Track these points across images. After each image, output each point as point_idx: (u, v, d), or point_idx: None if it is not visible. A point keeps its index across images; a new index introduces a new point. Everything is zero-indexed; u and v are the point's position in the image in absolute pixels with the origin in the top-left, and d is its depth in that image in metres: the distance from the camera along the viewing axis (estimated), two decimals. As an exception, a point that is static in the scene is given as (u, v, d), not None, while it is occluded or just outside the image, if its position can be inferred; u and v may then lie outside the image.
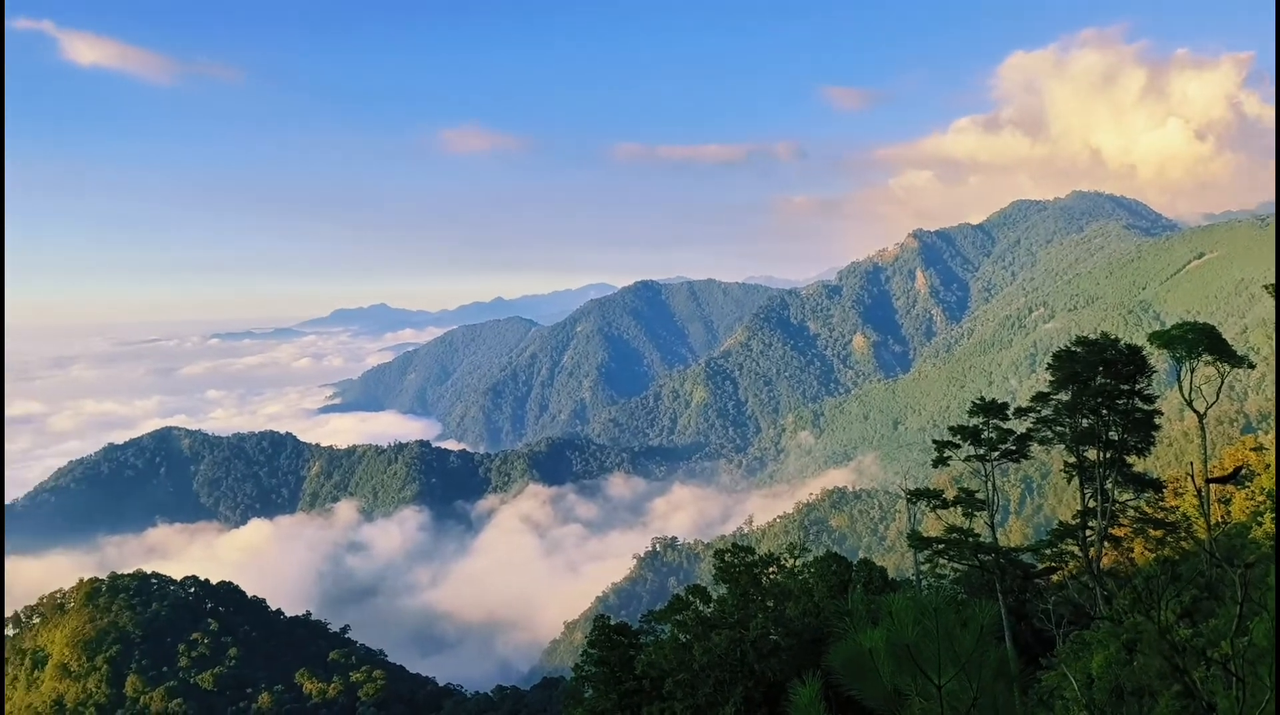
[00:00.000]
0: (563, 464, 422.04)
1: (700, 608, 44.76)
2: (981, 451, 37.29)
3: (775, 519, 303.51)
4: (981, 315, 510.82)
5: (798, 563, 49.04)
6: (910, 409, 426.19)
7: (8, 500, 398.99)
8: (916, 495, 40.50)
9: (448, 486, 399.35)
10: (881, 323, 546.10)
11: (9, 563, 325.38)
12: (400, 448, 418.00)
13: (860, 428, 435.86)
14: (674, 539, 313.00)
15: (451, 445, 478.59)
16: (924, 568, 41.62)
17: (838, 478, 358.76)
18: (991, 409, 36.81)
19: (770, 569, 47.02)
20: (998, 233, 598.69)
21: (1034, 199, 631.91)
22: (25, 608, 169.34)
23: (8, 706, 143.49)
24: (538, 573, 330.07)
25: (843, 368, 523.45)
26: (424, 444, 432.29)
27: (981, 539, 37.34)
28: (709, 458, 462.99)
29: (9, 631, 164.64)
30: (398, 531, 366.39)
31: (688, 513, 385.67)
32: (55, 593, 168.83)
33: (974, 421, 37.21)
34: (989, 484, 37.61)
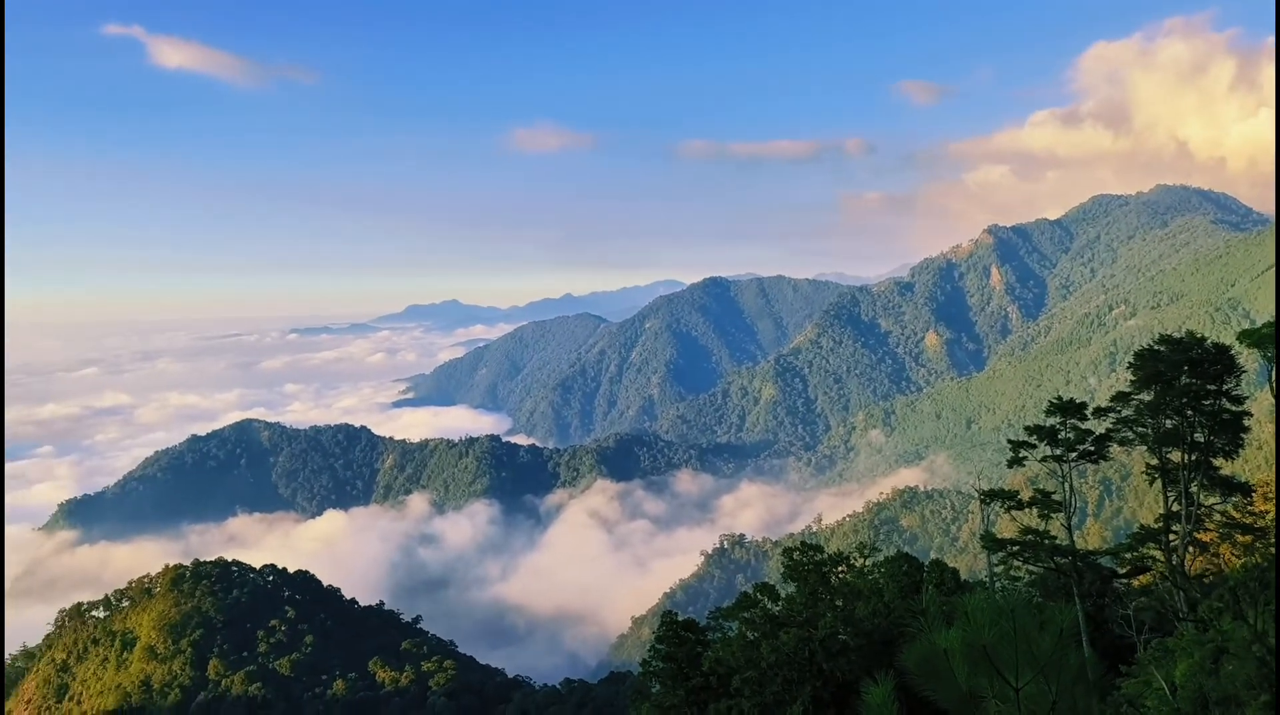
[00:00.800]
0: (631, 460, 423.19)
1: (768, 606, 44.52)
2: (1058, 452, 36.33)
3: (844, 518, 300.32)
4: (1059, 313, 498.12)
5: (867, 562, 48.46)
6: (984, 408, 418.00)
7: (99, 488, 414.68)
8: (990, 496, 39.67)
9: (517, 481, 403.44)
10: (955, 320, 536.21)
11: (102, 547, 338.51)
12: (471, 442, 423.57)
13: (932, 426, 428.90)
14: (742, 536, 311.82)
15: (521, 440, 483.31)
16: (998, 570, 40.73)
17: (909, 477, 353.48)
18: (1069, 408, 35.83)
19: (839, 568, 46.55)
20: (1077, 228, 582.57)
21: (1115, 193, 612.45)
22: (115, 591, 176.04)
23: (99, 685, 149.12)
24: (605, 568, 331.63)
25: (914, 366, 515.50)
26: (494, 438, 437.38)
27: (1058, 541, 36.43)
28: (777, 455, 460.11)
29: (100, 614, 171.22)
30: (468, 524, 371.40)
31: (756, 510, 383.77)
32: (143, 577, 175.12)
33: (1051, 421, 36.26)
34: (1066, 485, 36.63)
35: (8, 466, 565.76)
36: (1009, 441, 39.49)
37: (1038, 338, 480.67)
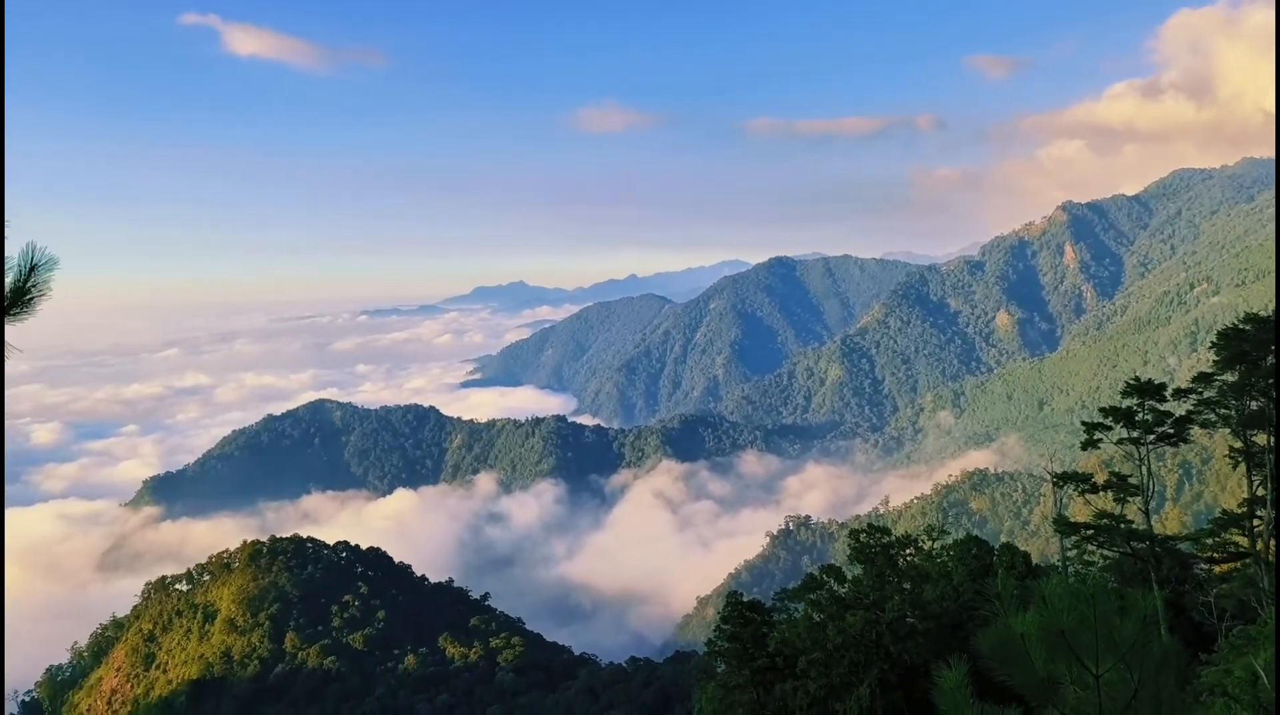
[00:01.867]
0: (695, 441, 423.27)
1: (835, 587, 44.27)
2: (1135, 434, 35.38)
3: (912, 500, 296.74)
4: (1136, 291, 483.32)
5: (936, 545, 47.87)
6: (1057, 389, 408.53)
7: (180, 466, 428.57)
8: (1064, 478, 38.85)
9: (583, 461, 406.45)
10: (1027, 299, 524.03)
11: (183, 523, 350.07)
12: (537, 422, 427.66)
13: (1003, 408, 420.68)
14: (807, 518, 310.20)
15: (586, 420, 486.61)
16: (1071, 554, 39.94)
17: (978, 459, 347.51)
18: (1147, 389, 34.84)
19: (907, 550, 46.07)
20: (1156, 204, 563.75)
21: (1198, 167, 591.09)
22: (196, 566, 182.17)
23: (183, 655, 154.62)
24: (670, 548, 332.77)
25: (985, 346, 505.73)
26: (560, 419, 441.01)
27: (1135, 526, 35.57)
28: (844, 437, 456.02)
29: (183, 587, 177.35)
30: (535, 504, 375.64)
31: (821, 492, 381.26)
32: (222, 553, 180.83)
33: (1128, 402, 35.29)
34: (1143, 468, 35.68)
35: (97, 444, 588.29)
36: (1083, 423, 38.58)
37: (1113, 317, 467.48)
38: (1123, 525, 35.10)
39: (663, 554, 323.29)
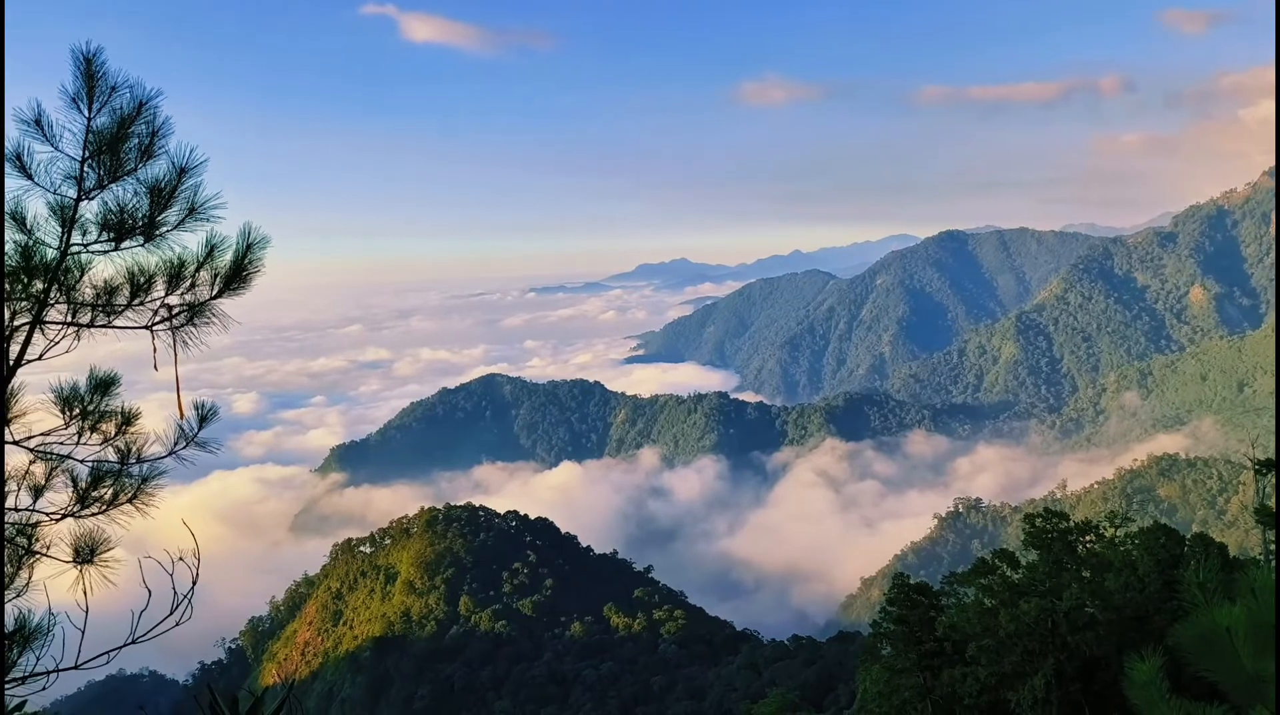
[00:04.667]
0: (860, 419, 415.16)
1: (1007, 573, 42.70)
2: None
3: (1092, 485, 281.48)
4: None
5: (1119, 532, 45.41)
6: (1260, 369, 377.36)
7: (363, 435, 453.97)
8: (1267, 466, 36.09)
9: (744, 437, 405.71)
10: (1226, 273, 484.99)
11: (365, 490, 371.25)
12: (700, 398, 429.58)
13: (1196, 389, 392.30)
14: (978, 500, 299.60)
15: (749, 397, 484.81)
16: (1274, 547, 37.12)
17: (1167, 443, 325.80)
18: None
19: (1087, 537, 43.92)
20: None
21: None
22: (378, 530, 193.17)
23: (367, 613, 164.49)
24: (833, 527, 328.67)
25: (1176, 323, 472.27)
26: (722, 395, 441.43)
27: (1350, 518, 32.67)
28: (1018, 417, 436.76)
29: (366, 549, 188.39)
30: (696, 479, 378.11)
31: (993, 474, 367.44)
32: (401, 518, 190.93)
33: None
34: (1362, 456, 32.69)
35: (289, 413, 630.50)
36: (1291, 407, 35.64)
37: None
38: (1335, 517, 32.32)
39: (825, 533, 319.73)
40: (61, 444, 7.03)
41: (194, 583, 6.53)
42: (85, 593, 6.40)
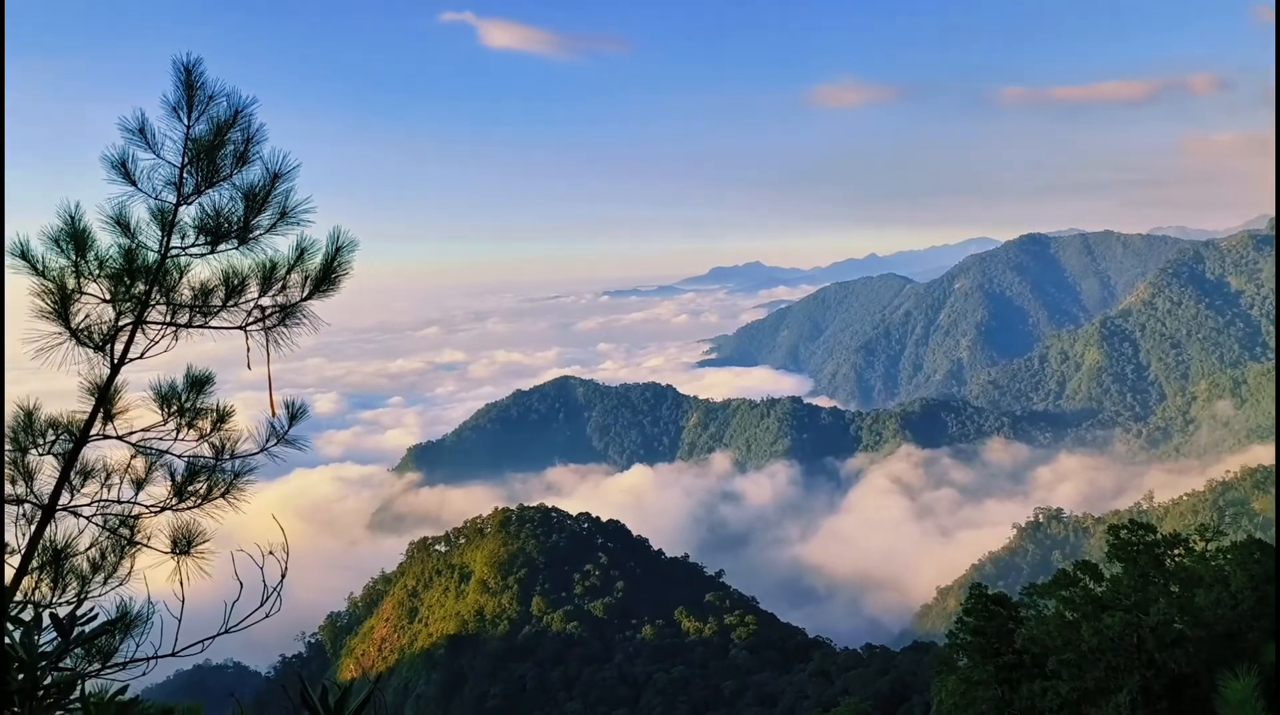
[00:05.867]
0: (937, 426, 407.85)
1: (1090, 585, 41.54)
2: None
3: (1181, 496, 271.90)
4: None
5: (1210, 546, 43.82)
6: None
7: (439, 436, 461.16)
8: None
9: (818, 443, 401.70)
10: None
11: (440, 489, 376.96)
12: (773, 403, 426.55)
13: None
14: (1059, 510, 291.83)
15: (823, 402, 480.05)
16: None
17: (1262, 455, 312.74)
18: None
19: (1175, 551, 42.46)
20: None
21: None
22: (453, 529, 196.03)
23: (442, 611, 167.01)
24: (908, 535, 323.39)
25: (1272, 329, 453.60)
26: (796, 400, 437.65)
27: None
28: (1102, 426, 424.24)
29: (441, 548, 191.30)
30: (769, 484, 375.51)
31: (1075, 483, 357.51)
32: (476, 518, 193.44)
33: None
34: None
35: (367, 413, 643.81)
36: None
37: None
38: None
39: (900, 541, 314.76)
40: (160, 440, 7.31)
41: (283, 576, 6.72)
42: (182, 583, 6.65)
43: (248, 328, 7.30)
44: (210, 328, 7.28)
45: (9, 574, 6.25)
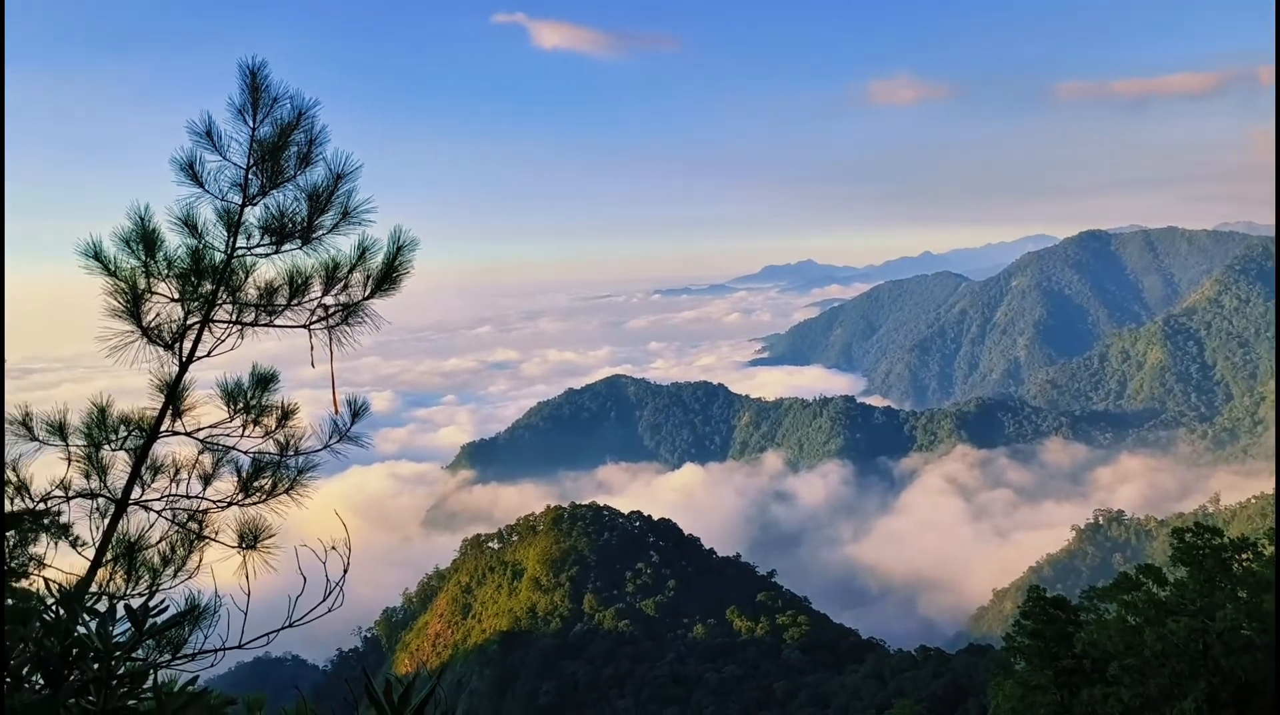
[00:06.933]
0: (993, 426, 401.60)
1: (1153, 589, 40.61)
2: None
3: (1249, 499, 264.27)
4: None
5: None
6: None
7: (492, 434, 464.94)
8: None
9: (871, 442, 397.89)
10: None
11: (493, 487, 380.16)
12: (825, 402, 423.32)
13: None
14: (1120, 512, 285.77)
15: (876, 401, 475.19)
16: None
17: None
18: None
19: (1243, 555, 41.30)
20: None
21: None
22: (506, 527, 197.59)
23: (495, 607, 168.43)
24: (963, 536, 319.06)
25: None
26: (849, 399, 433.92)
27: None
28: (1165, 426, 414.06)
29: (494, 545, 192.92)
30: (821, 484, 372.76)
31: (1137, 485, 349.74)
32: (528, 516, 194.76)
33: None
34: None
35: (421, 411, 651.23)
36: None
37: None
38: None
39: (955, 542, 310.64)
40: (226, 436, 7.47)
41: (345, 572, 6.81)
42: (248, 577, 6.78)
43: (311, 326, 7.43)
44: (275, 326, 7.43)
45: (85, 567, 6.43)
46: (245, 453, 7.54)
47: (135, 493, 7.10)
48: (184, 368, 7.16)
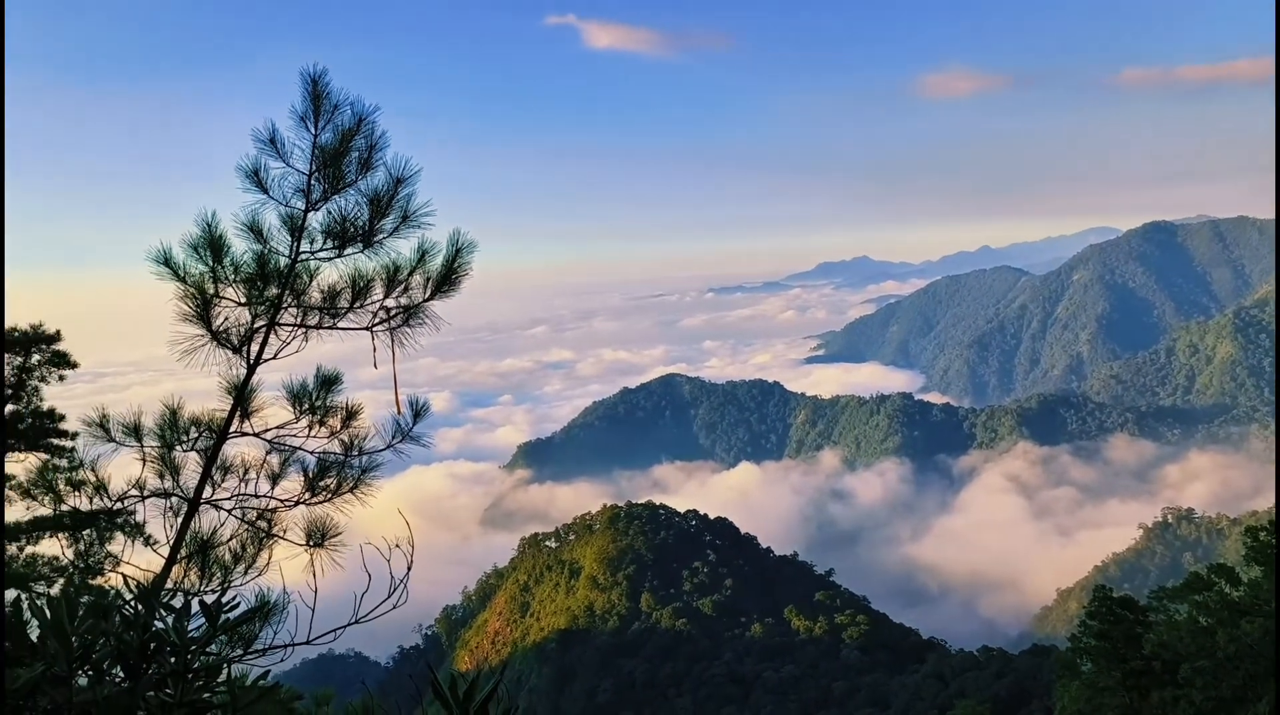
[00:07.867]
0: (1055, 422, 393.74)
1: (1226, 590, 39.56)
2: None
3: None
4: None
5: (1359, 550, 41.21)
6: None
7: (547, 433, 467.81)
8: None
9: (930, 440, 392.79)
10: None
11: (549, 486, 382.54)
12: (882, 399, 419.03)
13: None
14: (1190, 511, 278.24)
15: (934, 398, 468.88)
16: None
17: None
18: None
19: (1321, 554, 40.10)
20: None
21: None
22: (563, 526, 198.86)
23: (552, 606, 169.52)
24: (1025, 535, 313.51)
25: None
26: (906, 396, 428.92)
27: None
28: (1236, 422, 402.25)
29: (551, 544, 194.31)
30: (879, 482, 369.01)
31: (1207, 483, 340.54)
32: (585, 515, 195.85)
33: None
34: None
35: (479, 411, 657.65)
36: None
37: None
38: None
39: (1017, 541, 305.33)
40: (293, 436, 7.65)
41: (408, 569, 6.93)
42: (315, 575, 6.93)
43: (374, 328, 7.58)
44: (338, 328, 7.59)
45: (159, 564, 6.64)
46: (311, 453, 7.71)
47: (206, 492, 7.30)
48: (251, 370, 7.35)
